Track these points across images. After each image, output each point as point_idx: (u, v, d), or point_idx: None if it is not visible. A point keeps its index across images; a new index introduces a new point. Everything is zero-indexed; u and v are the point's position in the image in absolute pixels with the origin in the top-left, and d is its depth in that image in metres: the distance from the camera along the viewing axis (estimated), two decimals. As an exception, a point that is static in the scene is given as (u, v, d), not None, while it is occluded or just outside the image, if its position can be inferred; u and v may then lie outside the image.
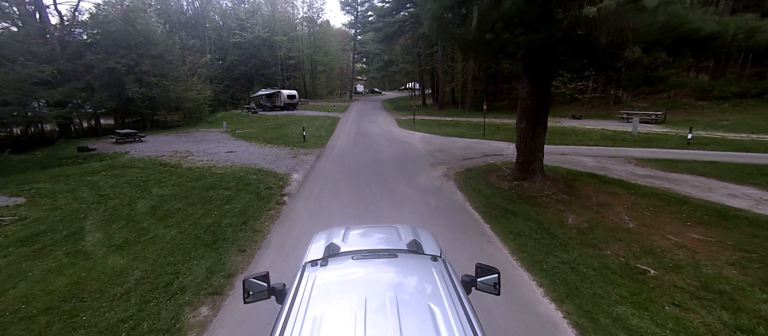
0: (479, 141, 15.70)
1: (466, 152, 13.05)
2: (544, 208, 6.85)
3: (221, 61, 42.43)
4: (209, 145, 16.64)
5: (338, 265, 1.98)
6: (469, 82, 29.67)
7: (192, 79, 31.36)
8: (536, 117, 8.03)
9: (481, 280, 2.17)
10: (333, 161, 11.99)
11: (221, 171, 10.80)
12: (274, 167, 11.05)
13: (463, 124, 22.71)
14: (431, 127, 21.30)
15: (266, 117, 30.60)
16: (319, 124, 24.42)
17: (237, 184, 9.13)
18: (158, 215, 7.03)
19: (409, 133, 19.25)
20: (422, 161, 11.78)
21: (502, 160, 11.37)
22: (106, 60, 19.24)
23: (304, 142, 16.33)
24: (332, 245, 2.31)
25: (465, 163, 11.31)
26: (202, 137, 19.53)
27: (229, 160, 12.50)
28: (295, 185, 9.07)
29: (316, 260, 2.04)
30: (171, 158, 13.43)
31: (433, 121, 24.65)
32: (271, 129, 22.44)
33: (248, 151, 14.42)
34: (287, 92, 36.21)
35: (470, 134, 17.74)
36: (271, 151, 14.28)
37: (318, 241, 2.47)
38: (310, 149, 14.56)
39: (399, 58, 34.95)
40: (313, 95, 58.42)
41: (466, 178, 9.25)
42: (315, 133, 19.35)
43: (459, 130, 19.92)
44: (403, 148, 14.45)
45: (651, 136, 14.20)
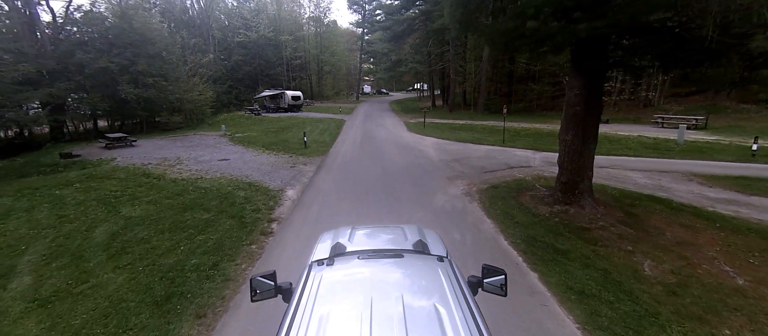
0: (499, 148, 14.06)
1: (486, 163, 11.44)
2: (605, 246, 5.25)
3: (226, 61, 41.49)
4: (203, 151, 15.35)
5: (344, 265, 1.98)
6: (483, 82, 27.97)
7: (193, 80, 30.35)
8: (586, 126, 6.42)
9: (487, 281, 2.14)
10: (335, 173, 10.52)
11: (207, 184, 9.42)
12: (267, 181, 9.62)
13: (477, 128, 21.04)
14: (443, 132, 19.69)
15: (269, 119, 29.37)
16: (323, 127, 23.02)
17: (220, 203, 7.71)
18: (114, 248, 5.64)
19: (420, 138, 17.69)
20: (438, 174, 10.22)
21: (531, 174, 9.75)
22: (98, 59, 18.14)
23: (305, 148, 14.91)
24: (338, 245, 2.27)
25: (488, 177, 9.71)
26: (198, 142, 18.29)
27: (219, 171, 11.14)
28: (288, 206, 7.61)
29: (322, 259, 2.04)
30: (157, 167, 12.15)
31: (444, 125, 23.03)
32: (272, 132, 21.12)
33: (243, 159, 13.06)
34: (291, 93, 34.98)
35: (487, 140, 16.09)
36: (268, 160, 12.89)
37: (324, 241, 2.46)
38: (310, 157, 13.13)
39: (408, 58, 33.41)
40: (320, 96, 57.31)
41: (493, 199, 7.67)
42: (318, 138, 17.92)
43: (474, 135, 18.29)
44: (414, 156, 12.91)
45: (701, 146, 12.38)
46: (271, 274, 2.11)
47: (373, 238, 2.58)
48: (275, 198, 8.04)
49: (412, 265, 2.00)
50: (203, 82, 32.29)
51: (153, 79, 21.64)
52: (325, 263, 1.97)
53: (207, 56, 32.45)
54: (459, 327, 1.38)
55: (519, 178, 9.27)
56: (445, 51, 33.27)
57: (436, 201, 7.70)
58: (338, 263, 1.98)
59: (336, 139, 17.86)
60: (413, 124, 23.48)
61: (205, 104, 31.16)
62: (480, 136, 17.60)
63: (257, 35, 41.47)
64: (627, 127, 18.72)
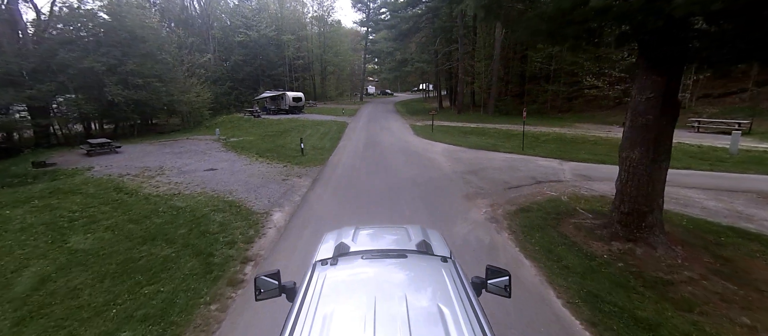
0: (519, 157, 12.48)
1: (508, 176, 9.88)
2: (706, 315, 3.69)
3: (226, 62, 40.33)
4: (191, 158, 13.99)
5: (348, 265, 1.99)
6: (494, 83, 26.34)
7: (190, 81, 29.16)
8: (659, 140, 4.86)
9: (491, 282, 2.11)
10: (333, 189, 9.04)
11: (182, 203, 8.00)
12: (252, 199, 8.17)
13: (490, 132, 19.44)
14: (454, 136, 18.14)
15: (269, 122, 28.03)
16: (324, 131, 21.59)
17: (189, 232, 6.27)
18: (31, 306, 4.21)
19: (428, 143, 16.15)
20: (452, 189, 8.70)
21: (566, 192, 8.17)
22: (82, 58, 16.92)
23: (301, 156, 13.47)
24: (342, 245, 2.29)
25: (514, 195, 8.16)
26: (188, 147, 16.95)
27: (202, 184, 9.73)
28: (272, 237, 6.14)
29: (326, 259, 2.04)
30: (135, 178, 10.80)
31: (454, 129, 21.46)
32: (270, 137, 19.73)
33: (232, 169, 11.65)
34: (293, 94, 33.64)
35: (504, 147, 14.51)
36: (259, 170, 11.46)
37: (327, 241, 2.47)
38: (307, 168, 11.67)
39: (414, 57, 31.88)
40: (323, 97, 56.03)
41: (527, 228, 6.12)
42: (317, 144, 16.47)
43: (488, 140, 16.71)
44: (423, 166, 11.38)
45: (760, 156, 10.66)
46: (275, 274, 2.12)
47: (377, 239, 2.56)
48: (257, 225, 6.57)
49: (416, 266, 2.00)
50: (201, 82, 31.13)
51: (144, 79, 20.42)
52: (329, 263, 1.97)
53: (205, 56, 31.27)
54: (463, 328, 1.38)
55: (553, 198, 7.70)
56: (452, 49, 31.69)
57: (457, 231, 6.17)
58: (342, 263, 1.99)
59: (337, 144, 16.39)
60: (420, 128, 21.94)
61: (203, 106, 29.96)
62: (494, 142, 16.01)
63: (258, 34, 40.24)
64: (657, 131, 16.99)
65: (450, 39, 32.29)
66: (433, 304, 1.54)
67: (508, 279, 2.08)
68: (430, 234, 2.56)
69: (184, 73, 28.83)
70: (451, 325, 1.38)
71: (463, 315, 1.45)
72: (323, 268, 1.92)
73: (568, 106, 25.96)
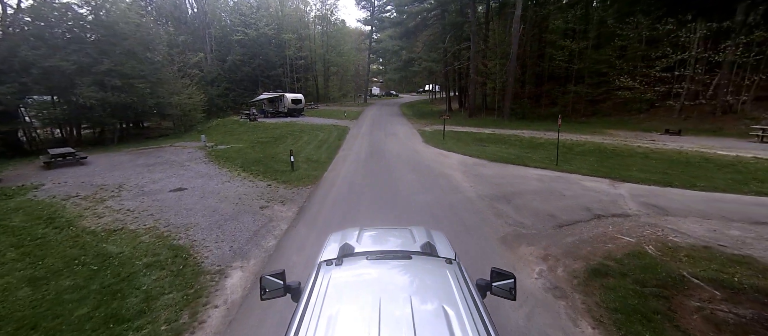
0: (556, 175, 10.15)
1: (553, 204, 7.58)
2: None
3: (224, 62, 38.43)
4: (163, 172, 11.90)
5: (353, 266, 1.98)
6: (510, 83, 23.98)
7: (182, 81, 27.23)
8: None
9: (496, 284, 2.11)
10: (323, 225, 6.81)
11: (116, 248, 5.86)
12: (210, 243, 6.00)
13: (510, 139, 17.11)
14: (468, 145, 15.85)
15: (265, 126, 25.98)
16: (322, 137, 19.43)
17: (92, 312, 4.10)
18: None
19: (441, 154, 13.88)
20: (483, 227, 6.43)
21: (645, 236, 5.85)
22: (49, 56, 14.95)
23: (291, 171, 11.29)
24: (346, 245, 2.28)
25: (570, 239, 5.87)
26: (167, 157, 14.90)
27: (158, 213, 7.61)
28: (216, 321, 3.93)
29: (331, 260, 2.04)
30: (81, 203, 8.72)
31: (467, 135, 19.17)
32: (262, 144, 17.62)
33: (204, 189, 9.50)
34: (292, 96, 31.61)
35: (532, 160, 12.19)
36: (237, 191, 9.30)
37: (332, 241, 2.50)
38: (295, 188, 9.48)
39: (422, 56, 29.61)
40: (325, 99, 54.07)
41: (621, 317, 3.84)
42: (312, 155, 14.27)
43: (510, 150, 14.38)
44: (439, 187, 9.13)
45: None
46: (280, 273, 2.12)
47: (381, 240, 2.57)
48: (199, 299, 4.36)
49: (421, 267, 1.99)
50: (194, 83, 29.23)
51: (124, 80, 18.43)
52: (334, 263, 1.98)
53: (197, 55, 29.30)
54: (468, 330, 1.37)
55: (633, 249, 5.38)
56: (463, 48, 29.40)
57: (504, 316, 3.91)
58: (347, 264, 1.99)
59: (334, 155, 14.17)
60: (430, 134, 19.67)
61: (195, 109, 28.02)
62: (518, 153, 13.67)
63: (257, 33, 38.30)
64: (708, 141, 14.52)
65: (460, 36, 30.01)
66: (438, 306, 1.53)
67: (513, 282, 2.06)
68: (435, 235, 2.60)
69: (175, 74, 26.94)
70: (456, 327, 1.37)
71: (468, 317, 1.44)
72: (328, 268, 1.92)
73: (592, 110, 23.50)
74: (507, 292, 2.08)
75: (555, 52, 22.84)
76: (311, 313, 1.49)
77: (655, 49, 17.61)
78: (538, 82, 27.63)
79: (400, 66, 34.42)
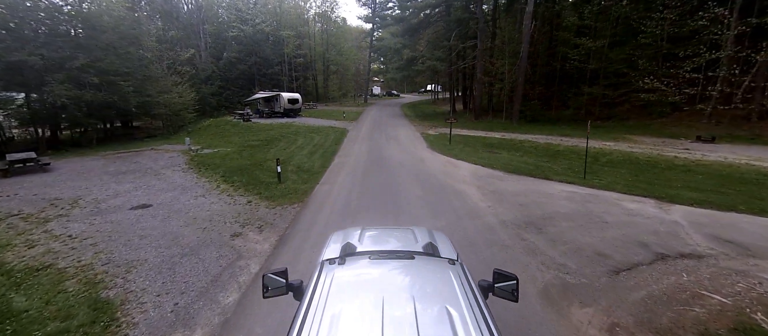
0: (586, 192, 8.61)
1: (595, 235, 6.04)
2: None
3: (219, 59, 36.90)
4: (131, 183, 10.41)
5: (355, 265, 1.97)
6: (520, 84, 22.43)
7: (172, 78, 25.74)
8: None
9: (498, 285, 2.10)
10: (305, 265, 5.28)
11: (22, 302, 4.39)
12: (154, 291, 4.50)
13: (524, 145, 15.56)
14: (478, 152, 14.32)
15: (258, 127, 24.49)
16: (318, 141, 17.92)
17: None
18: None
19: (449, 163, 12.35)
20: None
21: (739, 293, 4.31)
22: (14, 50, 13.45)
23: (278, 184, 9.77)
24: (349, 245, 2.28)
25: (637, 295, 4.34)
26: (143, 164, 13.41)
27: (101, 244, 6.10)
28: None
29: (333, 259, 2.03)
30: (21, 222, 7.27)
31: (475, 140, 17.64)
32: (251, 149, 16.11)
33: (170, 209, 7.99)
34: (288, 96, 30.10)
35: (553, 171, 10.67)
36: (210, 209, 7.80)
37: (334, 240, 2.47)
38: (279, 207, 7.97)
39: (425, 54, 28.06)
40: (325, 98, 52.59)
41: None
42: (305, 163, 12.74)
43: (526, 159, 12.84)
44: (451, 208, 7.59)
45: None
46: (282, 272, 2.11)
47: (383, 240, 2.56)
48: None
49: (423, 267, 1.99)
50: (185, 81, 27.74)
51: (103, 77, 16.93)
52: (337, 262, 1.97)
53: (188, 51, 27.78)
54: (471, 330, 1.37)
55: (739, 319, 3.85)
56: (468, 46, 27.84)
57: None
58: (349, 263, 1.98)
59: (329, 163, 12.64)
60: (434, 138, 18.14)
61: (185, 108, 26.52)
62: (537, 162, 12.14)
63: (253, 29, 36.75)
64: (749, 149, 12.96)
65: (465, 34, 28.44)
66: (440, 306, 1.52)
67: (515, 283, 2.06)
68: (437, 236, 2.58)
69: (164, 71, 25.46)
70: (459, 327, 1.38)
71: (471, 317, 1.44)
72: (331, 267, 1.91)
73: (608, 113, 21.94)
74: (509, 293, 2.06)
75: (569, 51, 21.27)
76: (314, 312, 1.48)
77: (682, 47, 16.06)
78: (548, 83, 26.08)
79: (402, 65, 32.85)
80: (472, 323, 1.40)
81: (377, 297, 1.55)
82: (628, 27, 19.86)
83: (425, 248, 2.24)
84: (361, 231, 2.57)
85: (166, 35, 26.93)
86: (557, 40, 24.31)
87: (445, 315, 1.45)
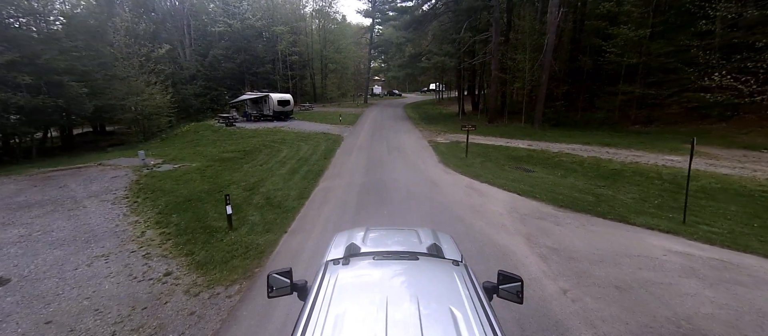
0: (709, 254, 5.39)
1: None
2: None
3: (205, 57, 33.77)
4: (25, 226, 7.32)
5: (359, 265, 1.97)
6: (544, 82, 19.18)
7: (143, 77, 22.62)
8: None
9: (503, 287, 2.08)
10: None
11: None
12: None
13: (562, 161, 12.32)
14: (504, 169, 11.15)
15: (241, 133, 21.38)
16: (305, 153, 14.75)
17: None
18: None
19: (473, 189, 9.12)
20: None
21: None
22: None
23: (229, 232, 6.60)
24: (353, 245, 2.29)
25: None
26: (71, 188, 10.29)
27: None
28: None
29: (337, 259, 2.02)
30: None
31: (496, 150, 14.41)
32: (220, 165, 12.97)
33: (32, 293, 4.87)
34: (278, 97, 26.92)
35: (627, 206, 7.46)
36: (88, 299, 4.65)
37: (338, 241, 2.47)
38: (209, 289, 4.79)
39: (432, 49, 24.80)
40: (323, 99, 49.44)
41: None
42: (278, 190, 9.52)
43: (576, 183, 9.57)
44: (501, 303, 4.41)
45: None
46: (287, 272, 2.10)
47: (387, 240, 2.56)
48: None
49: (428, 268, 1.98)
50: (161, 80, 24.65)
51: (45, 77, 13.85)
52: (341, 263, 1.97)
53: (164, 47, 24.63)
54: (475, 331, 1.36)
55: None
56: (480, 39, 24.59)
57: None
58: (353, 263, 1.97)
59: (311, 190, 9.42)
60: (446, 148, 14.93)
61: (157, 112, 23.40)
62: (595, 189, 8.88)
63: (242, 24, 33.58)
64: None
65: (476, 27, 25.20)
66: (444, 307, 1.52)
67: (520, 285, 2.05)
68: (441, 237, 2.60)
69: (136, 69, 22.36)
70: (463, 329, 1.37)
71: (475, 319, 1.44)
72: (335, 267, 1.90)
73: (648, 115, 18.66)
74: (514, 295, 2.05)
75: (603, 44, 17.97)
76: (318, 312, 1.48)
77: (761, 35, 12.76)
78: (572, 81, 22.77)
79: (405, 62, 29.59)
80: (476, 325, 1.39)
81: (381, 298, 1.55)
82: (678, 12, 16.56)
83: (429, 249, 2.27)
84: (365, 232, 2.58)
85: (137, 28, 23.80)
86: (585, 31, 20.99)
87: (449, 316, 1.44)
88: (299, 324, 1.44)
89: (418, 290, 1.68)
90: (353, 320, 1.41)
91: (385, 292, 1.61)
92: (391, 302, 1.50)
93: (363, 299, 1.60)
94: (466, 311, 1.47)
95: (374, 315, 1.42)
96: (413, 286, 1.75)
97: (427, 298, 1.59)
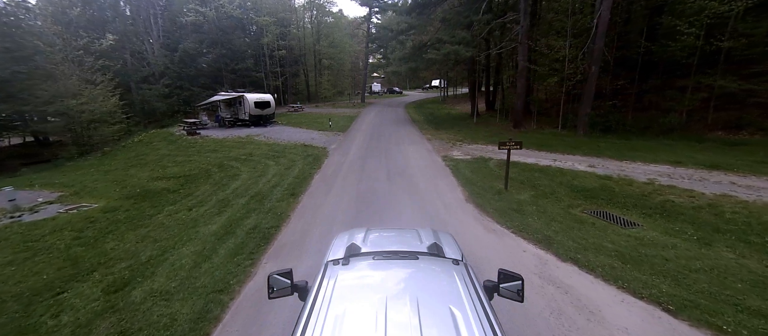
0: None
1: None
2: None
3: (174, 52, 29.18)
4: None
5: (359, 266, 1.97)
6: (594, 76, 14.57)
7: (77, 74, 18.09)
8: None
9: (504, 286, 2.06)
10: None
11: None
12: None
13: (669, 202, 7.65)
14: (586, 226, 6.55)
15: (201, 145, 16.86)
16: (266, 184, 10.10)
17: None
18: None
19: (544, 271, 4.53)
20: None
21: None
22: None
23: None
24: (353, 245, 2.29)
25: None
26: None
27: None
28: None
29: (337, 259, 2.03)
30: None
31: (547, 176, 9.75)
32: (134, 207, 8.37)
33: None
34: (255, 97, 22.34)
35: None
36: None
37: (339, 241, 2.49)
38: None
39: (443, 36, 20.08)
40: (316, 98, 44.93)
41: None
42: (171, 288, 4.89)
43: (716, 258, 4.93)
44: None
45: None
46: (287, 272, 2.09)
47: (388, 240, 2.55)
48: None
49: (427, 268, 1.97)
50: (109, 79, 20.11)
51: None
52: (341, 263, 1.96)
53: (106, 39, 20.02)
54: (475, 331, 1.36)
55: None
56: (503, 23, 19.92)
57: None
58: (353, 264, 1.97)
59: (226, 306, 4.83)
60: (471, 172, 10.29)
61: (103, 119, 18.86)
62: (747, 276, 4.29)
63: (216, 13, 28.93)
64: None
65: (493, 9, 20.45)
66: (444, 307, 1.52)
67: (520, 283, 2.03)
68: (442, 236, 2.59)
69: (71, 66, 17.82)
70: (462, 328, 1.36)
71: (474, 318, 1.43)
72: (335, 268, 1.90)
73: (737, 118, 14.02)
74: (515, 293, 2.03)
75: (678, 23, 13.30)
76: (318, 313, 1.49)
77: None
78: (622, 74, 18.10)
79: (408, 54, 24.91)
80: (476, 324, 1.38)
81: (381, 298, 1.55)
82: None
83: (430, 249, 2.26)
84: (366, 232, 2.57)
85: (68, 17, 19.19)
86: (647, 8, 16.24)
87: (449, 316, 1.44)
88: (299, 324, 1.46)
89: (417, 290, 1.69)
90: (353, 320, 1.43)
91: (384, 292, 1.64)
92: (391, 302, 1.52)
93: (363, 299, 1.62)
94: (465, 310, 1.47)
95: (374, 315, 1.43)
96: (413, 286, 1.76)
97: (427, 297, 1.60)
